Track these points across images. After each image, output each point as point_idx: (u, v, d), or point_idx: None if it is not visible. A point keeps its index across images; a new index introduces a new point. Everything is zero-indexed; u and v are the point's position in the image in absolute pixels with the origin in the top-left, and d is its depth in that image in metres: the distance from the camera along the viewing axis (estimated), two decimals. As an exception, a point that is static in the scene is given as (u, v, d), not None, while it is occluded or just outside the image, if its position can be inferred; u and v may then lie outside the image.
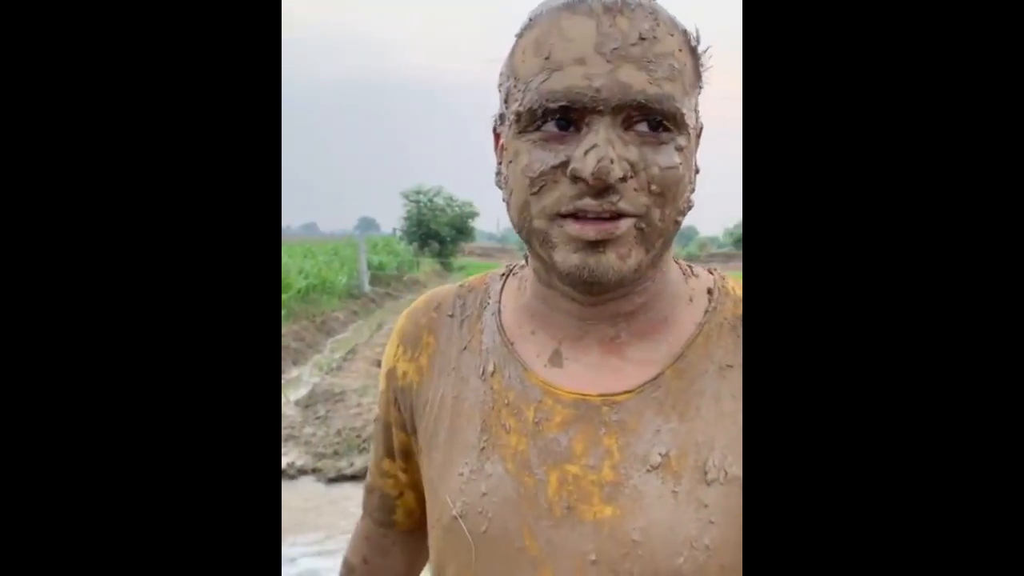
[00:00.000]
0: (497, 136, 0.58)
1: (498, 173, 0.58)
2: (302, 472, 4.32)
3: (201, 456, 0.71)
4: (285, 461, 4.43)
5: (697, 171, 0.55)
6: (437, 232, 23.64)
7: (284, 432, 5.06)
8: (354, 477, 4.22)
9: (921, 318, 0.54)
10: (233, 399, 0.72)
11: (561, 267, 0.52)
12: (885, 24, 0.54)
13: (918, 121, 0.54)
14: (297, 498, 3.96)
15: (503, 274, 0.67)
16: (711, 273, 0.62)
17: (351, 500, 3.94)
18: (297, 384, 6.87)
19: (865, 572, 0.52)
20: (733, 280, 0.61)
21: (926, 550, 0.52)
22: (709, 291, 0.59)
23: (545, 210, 0.51)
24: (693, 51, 0.52)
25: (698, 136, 0.55)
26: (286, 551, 3.31)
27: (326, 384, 6.24)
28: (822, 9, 0.53)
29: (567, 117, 0.49)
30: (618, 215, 0.50)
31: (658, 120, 0.49)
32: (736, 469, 0.52)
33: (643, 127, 0.49)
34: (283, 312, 9.39)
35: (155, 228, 0.70)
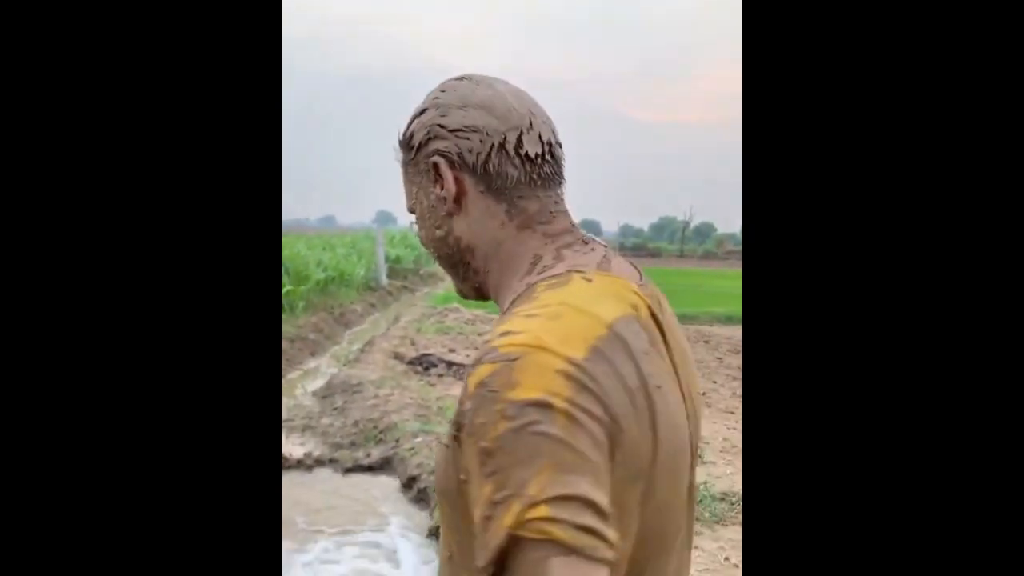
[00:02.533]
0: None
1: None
2: (319, 463, 4.36)
3: (202, 449, 0.71)
4: (302, 451, 4.48)
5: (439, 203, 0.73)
6: (454, 226, 23.53)
7: (301, 423, 5.11)
8: (370, 468, 4.26)
9: (916, 330, 0.54)
10: (233, 392, 0.73)
11: None
12: (881, 26, 0.53)
13: (913, 124, 0.53)
14: (314, 488, 4.00)
15: None
16: (571, 273, 0.66)
17: (367, 490, 3.98)
18: (315, 375, 6.93)
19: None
20: (548, 285, 0.64)
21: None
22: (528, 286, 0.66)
23: None
24: (404, 146, 0.74)
25: (439, 175, 0.71)
26: (300, 539, 3.35)
27: (343, 375, 6.29)
28: (820, 12, 0.53)
29: None
30: None
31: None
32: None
33: None
34: (301, 304, 9.46)
35: (158, 223, 0.70)
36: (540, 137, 0.68)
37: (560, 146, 0.71)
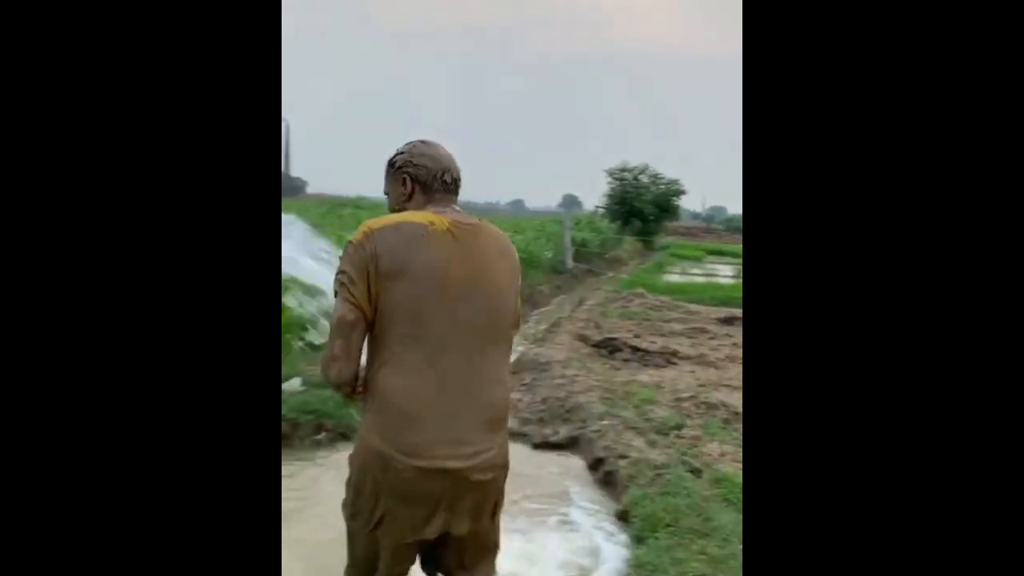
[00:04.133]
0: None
1: None
2: (510, 435, 4.54)
3: (203, 443, 0.73)
4: (494, 424, 4.68)
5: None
6: (640, 210, 23.33)
7: (493, 396, 5.32)
8: (559, 445, 4.37)
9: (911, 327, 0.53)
10: (235, 387, 0.74)
11: None
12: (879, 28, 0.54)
13: (911, 125, 0.53)
14: (515, 457, 4.17)
15: None
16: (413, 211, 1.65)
17: (554, 467, 4.09)
18: (504, 352, 7.19)
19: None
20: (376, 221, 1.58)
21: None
22: None
23: None
24: (390, 164, 1.72)
25: (406, 183, 1.69)
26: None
27: (532, 354, 6.48)
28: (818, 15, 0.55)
29: None
30: None
31: None
32: None
33: None
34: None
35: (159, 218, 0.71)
36: (453, 175, 1.65)
37: (459, 179, 1.66)
